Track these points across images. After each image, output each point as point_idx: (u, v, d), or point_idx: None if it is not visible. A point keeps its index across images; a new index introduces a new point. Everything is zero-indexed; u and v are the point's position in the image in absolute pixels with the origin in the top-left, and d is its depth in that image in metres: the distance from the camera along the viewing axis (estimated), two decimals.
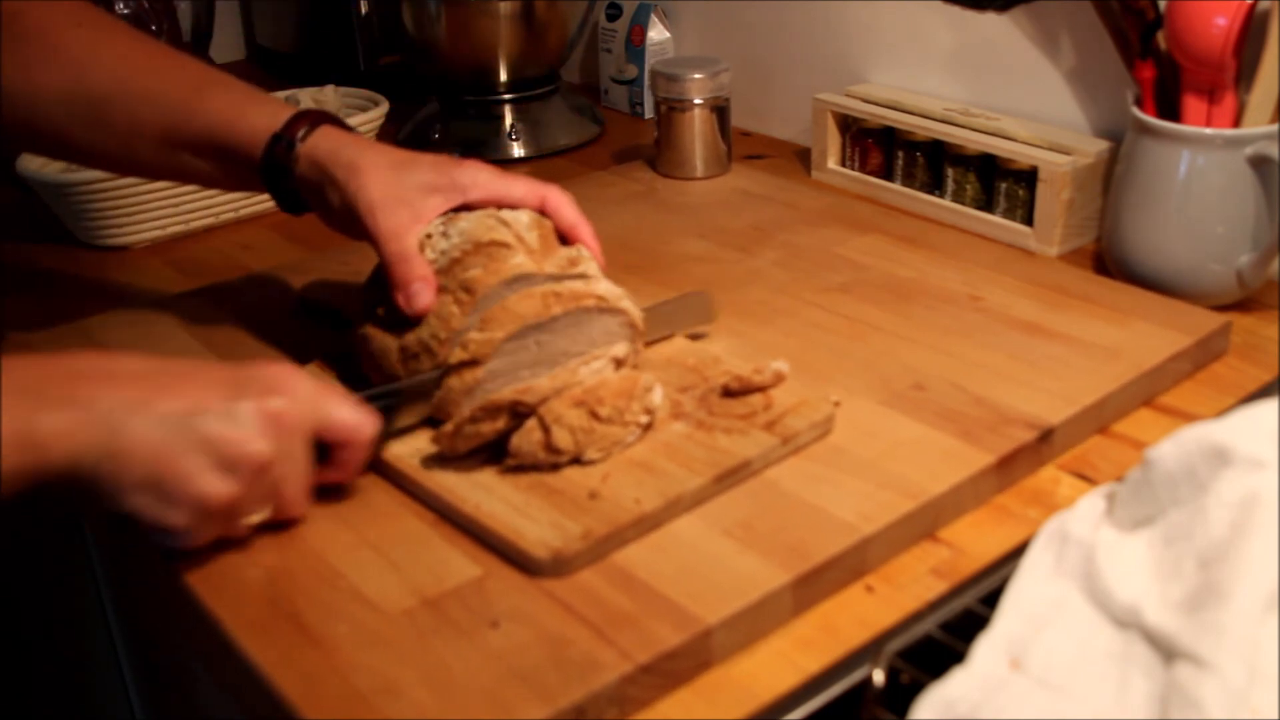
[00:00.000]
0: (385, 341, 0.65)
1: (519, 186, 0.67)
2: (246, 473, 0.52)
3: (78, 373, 0.52)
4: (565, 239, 0.68)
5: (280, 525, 0.58)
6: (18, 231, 1.00)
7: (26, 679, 1.01)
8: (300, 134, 0.67)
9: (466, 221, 0.65)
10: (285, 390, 0.54)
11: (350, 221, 0.66)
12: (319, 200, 0.68)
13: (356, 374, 0.68)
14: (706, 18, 1.20)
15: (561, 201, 0.68)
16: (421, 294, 0.63)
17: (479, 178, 0.67)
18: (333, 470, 0.58)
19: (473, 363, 0.60)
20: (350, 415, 0.57)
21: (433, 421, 0.63)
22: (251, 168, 0.68)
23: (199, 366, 0.55)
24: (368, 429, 0.57)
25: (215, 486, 0.52)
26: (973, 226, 0.92)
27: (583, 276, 0.65)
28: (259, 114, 0.68)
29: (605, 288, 0.63)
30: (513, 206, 0.67)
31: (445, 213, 0.66)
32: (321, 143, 0.67)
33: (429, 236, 0.65)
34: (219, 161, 0.70)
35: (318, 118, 0.68)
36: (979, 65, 0.97)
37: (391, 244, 0.64)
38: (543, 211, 0.68)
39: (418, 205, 0.65)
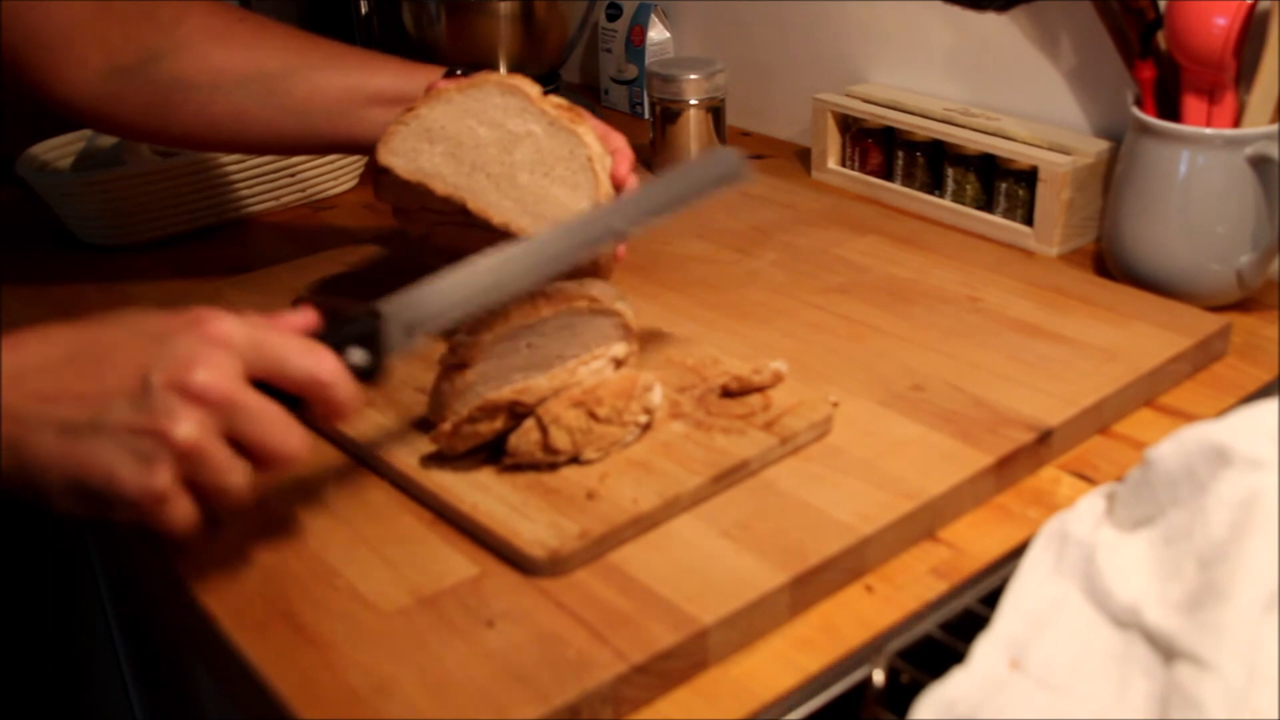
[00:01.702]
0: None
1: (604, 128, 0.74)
2: (176, 454, 0.47)
3: None
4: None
5: (276, 525, 0.58)
6: (18, 231, 1.00)
7: (27, 679, 1.01)
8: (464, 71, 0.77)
9: None
10: (207, 356, 0.48)
11: None
12: None
13: None
14: (706, 18, 1.20)
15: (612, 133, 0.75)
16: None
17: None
18: (319, 411, 0.52)
19: (461, 366, 0.60)
20: (301, 361, 0.50)
21: (428, 422, 0.63)
22: None
23: (114, 344, 0.50)
24: (325, 369, 0.51)
25: (140, 478, 0.47)
26: (973, 227, 0.91)
27: (575, 135, 0.69)
28: (421, 66, 0.78)
29: (599, 289, 0.63)
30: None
31: None
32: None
33: None
34: (396, 106, 0.75)
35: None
36: (979, 65, 0.97)
37: None
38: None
39: None
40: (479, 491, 0.58)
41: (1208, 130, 0.74)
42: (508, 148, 0.68)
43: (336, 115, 0.76)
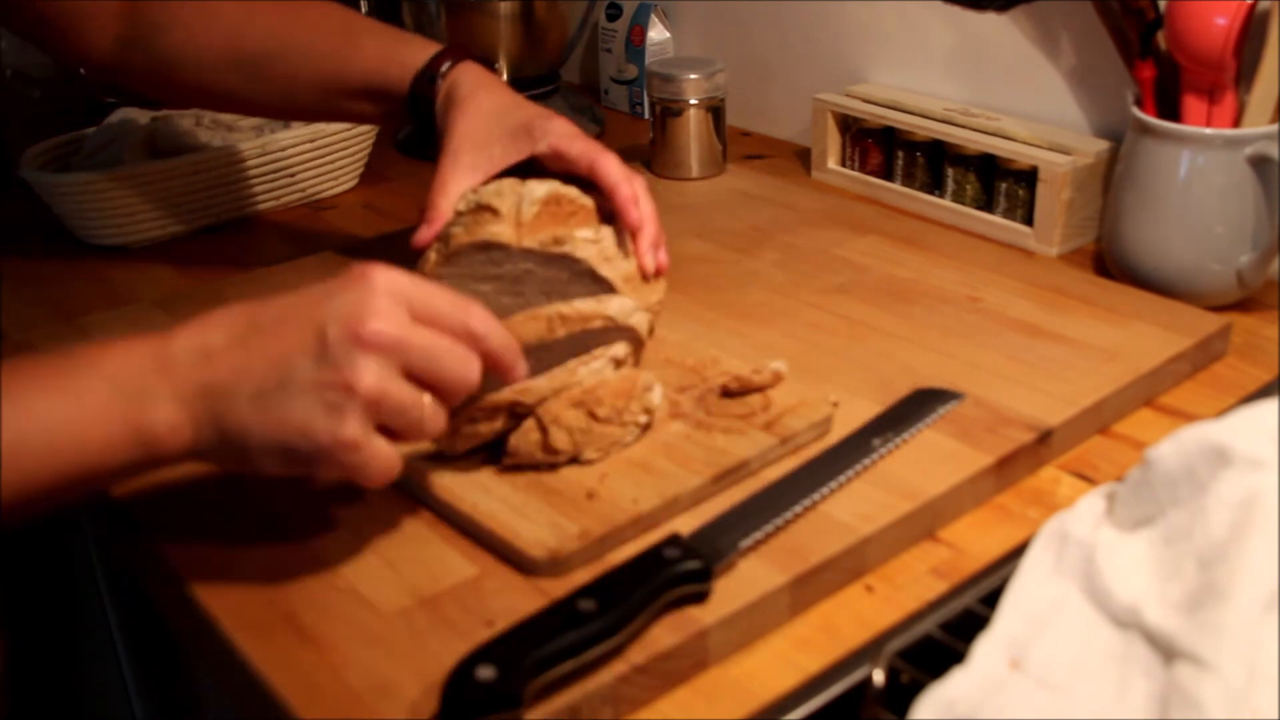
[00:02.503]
0: None
1: (577, 146, 0.70)
2: (364, 402, 0.49)
3: (171, 361, 0.50)
4: (612, 205, 0.69)
5: (282, 525, 0.58)
6: (18, 231, 1.00)
7: (26, 678, 1.01)
8: (443, 69, 0.73)
9: (495, 184, 0.68)
10: (375, 305, 0.50)
11: None
12: None
13: None
14: (706, 18, 1.20)
15: (609, 166, 0.69)
16: (419, 233, 0.69)
17: (551, 130, 0.71)
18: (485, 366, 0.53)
19: None
20: (452, 308, 0.52)
21: None
22: (402, 104, 0.75)
23: (288, 309, 0.51)
24: (475, 317, 0.53)
25: (334, 428, 0.49)
26: (973, 227, 0.91)
27: (566, 257, 0.65)
28: (407, 53, 0.75)
29: (616, 307, 0.62)
30: (571, 164, 0.69)
31: (516, 163, 0.71)
32: (455, 78, 0.73)
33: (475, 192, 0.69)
34: (373, 102, 0.76)
35: (460, 54, 0.74)
36: (979, 65, 0.97)
37: (434, 182, 0.70)
38: (591, 175, 0.69)
39: (491, 151, 0.71)
40: (479, 491, 0.58)
41: (1208, 130, 0.74)
42: (516, 290, 0.66)
43: (317, 103, 0.78)
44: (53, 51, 0.82)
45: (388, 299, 0.50)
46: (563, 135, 0.70)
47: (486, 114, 0.72)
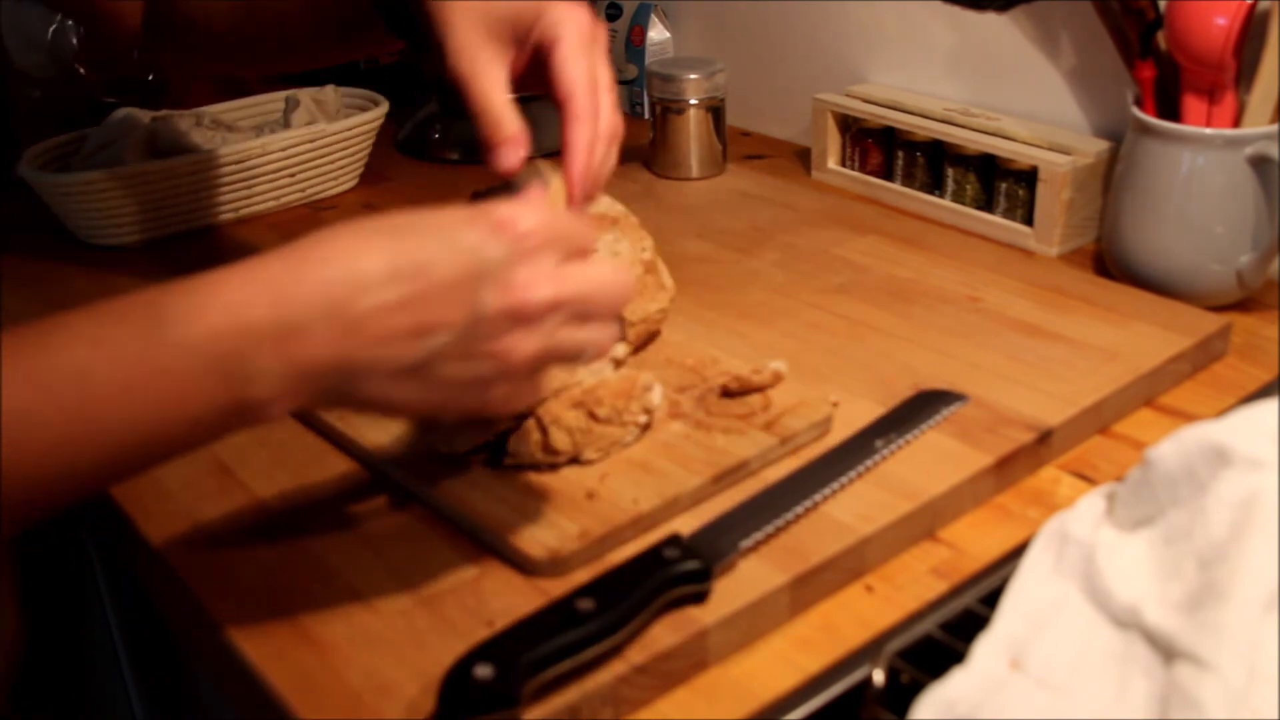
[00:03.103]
0: None
1: (569, 71, 0.61)
2: (520, 371, 0.47)
3: (292, 328, 0.43)
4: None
5: (282, 525, 0.58)
6: (18, 231, 1.00)
7: (27, 679, 1.01)
8: None
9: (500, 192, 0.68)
10: (529, 274, 0.46)
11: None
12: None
13: None
14: (706, 18, 1.20)
15: (577, 132, 0.61)
16: (505, 156, 0.59)
17: (563, 26, 0.61)
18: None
19: None
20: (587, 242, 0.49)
21: (428, 423, 0.62)
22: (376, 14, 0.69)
23: (432, 256, 0.45)
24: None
25: (486, 398, 0.47)
26: (973, 227, 0.91)
27: None
28: None
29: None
30: (556, 86, 0.61)
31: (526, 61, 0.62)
32: None
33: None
34: (351, 23, 0.71)
35: None
36: (979, 65, 0.97)
37: (475, 97, 0.60)
38: (560, 103, 0.62)
39: (502, 38, 0.61)
40: (479, 491, 0.58)
41: (1208, 130, 0.74)
42: None
43: (307, 31, 0.74)
44: (106, 37, 0.82)
45: (539, 254, 0.47)
46: (567, 41, 0.61)
47: (475, 12, 0.61)
